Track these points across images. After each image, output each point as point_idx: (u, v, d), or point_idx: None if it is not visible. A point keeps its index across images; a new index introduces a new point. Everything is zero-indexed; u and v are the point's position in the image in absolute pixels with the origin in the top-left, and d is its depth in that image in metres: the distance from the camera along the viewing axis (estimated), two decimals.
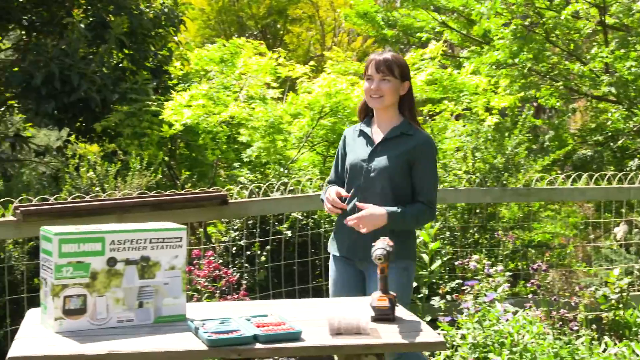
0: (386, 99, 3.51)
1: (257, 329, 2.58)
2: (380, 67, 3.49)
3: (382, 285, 2.84)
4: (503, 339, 3.95)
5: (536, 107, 11.84)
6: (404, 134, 3.51)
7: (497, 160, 6.02)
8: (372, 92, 3.51)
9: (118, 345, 2.48)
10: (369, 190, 3.47)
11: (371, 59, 3.57)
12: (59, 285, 2.57)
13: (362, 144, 3.60)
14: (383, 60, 3.51)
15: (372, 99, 3.53)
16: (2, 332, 4.32)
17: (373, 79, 3.51)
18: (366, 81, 3.56)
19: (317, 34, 16.80)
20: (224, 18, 15.72)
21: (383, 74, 3.49)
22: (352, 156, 3.60)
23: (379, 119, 3.60)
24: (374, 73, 3.51)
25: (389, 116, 3.57)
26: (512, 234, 5.88)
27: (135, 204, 4.43)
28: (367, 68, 3.55)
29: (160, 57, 7.44)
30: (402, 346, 2.65)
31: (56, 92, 6.27)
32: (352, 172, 3.56)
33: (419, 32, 11.24)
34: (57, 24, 6.85)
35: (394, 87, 3.51)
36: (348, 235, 3.54)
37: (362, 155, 3.55)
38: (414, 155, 3.47)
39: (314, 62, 9.27)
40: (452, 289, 5.24)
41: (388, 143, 3.52)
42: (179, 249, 2.78)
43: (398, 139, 3.51)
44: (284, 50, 7.76)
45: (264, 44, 8.36)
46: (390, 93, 3.51)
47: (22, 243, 4.54)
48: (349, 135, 3.71)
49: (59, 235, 2.58)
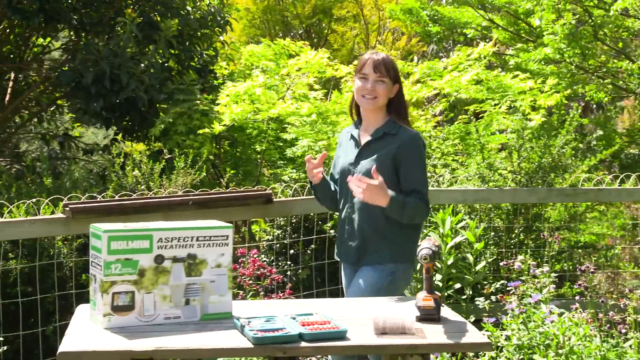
0: (380, 100, 3.46)
1: (302, 327, 2.60)
2: (378, 67, 3.43)
3: (427, 285, 2.84)
4: (548, 341, 3.91)
5: (583, 106, 11.68)
6: (387, 133, 3.45)
7: (544, 160, 5.95)
8: (367, 92, 3.45)
9: (165, 341, 2.51)
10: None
11: (368, 57, 3.49)
12: (107, 282, 2.61)
13: (351, 146, 3.57)
14: (381, 60, 3.45)
15: (364, 99, 3.46)
16: (51, 327, 4.40)
17: (368, 78, 3.44)
18: (359, 80, 3.48)
19: (362, 33, 16.77)
20: (269, 17, 15.78)
21: (380, 75, 3.43)
22: (342, 159, 3.58)
23: (367, 120, 3.55)
24: (370, 72, 3.44)
25: (376, 118, 3.52)
26: (557, 235, 5.81)
27: (180, 202, 4.48)
28: (363, 67, 3.47)
29: (206, 57, 7.51)
30: (448, 346, 2.64)
31: (105, 91, 6.36)
32: (342, 176, 3.53)
33: (465, 28, 11.15)
34: (106, 24, 6.95)
35: (387, 89, 3.46)
36: (345, 241, 3.54)
37: (349, 158, 3.53)
38: (400, 155, 3.40)
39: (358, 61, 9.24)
40: (496, 289, 5.20)
41: (373, 145, 3.47)
42: (225, 247, 2.80)
43: (382, 139, 3.46)
44: (326, 50, 7.77)
45: (308, 44, 8.38)
46: (384, 95, 3.46)
47: (71, 240, 4.62)
48: (342, 137, 3.70)
49: (108, 233, 2.62)
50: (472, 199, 5.50)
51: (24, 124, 8.62)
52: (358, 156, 3.49)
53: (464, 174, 6.02)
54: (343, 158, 3.57)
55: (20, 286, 4.30)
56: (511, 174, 5.93)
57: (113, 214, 4.20)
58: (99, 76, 6.28)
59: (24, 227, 4.09)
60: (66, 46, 8.40)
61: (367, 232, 3.45)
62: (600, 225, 6.59)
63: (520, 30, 10.57)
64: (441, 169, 6.33)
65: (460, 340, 2.61)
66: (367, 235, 3.45)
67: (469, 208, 5.86)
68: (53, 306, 4.44)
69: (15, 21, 7.07)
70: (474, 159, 6.41)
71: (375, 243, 3.45)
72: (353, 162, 3.50)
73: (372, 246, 3.46)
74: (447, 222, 4.86)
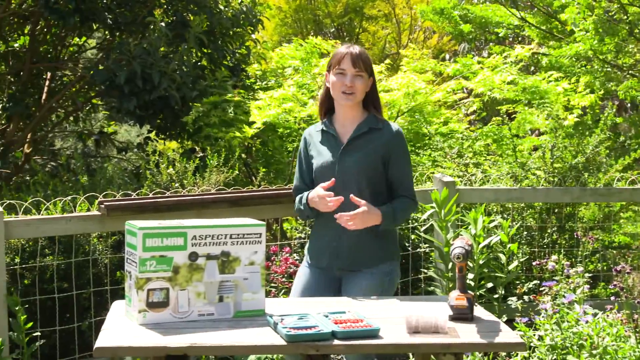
0: (358, 96, 3.35)
1: (335, 325, 2.61)
2: (356, 62, 3.31)
3: (460, 284, 2.83)
4: (582, 341, 3.88)
5: (617, 105, 11.55)
6: (372, 128, 3.37)
7: (577, 159, 5.90)
8: (346, 87, 3.32)
9: (199, 338, 2.54)
10: (344, 192, 3.28)
11: (345, 52, 3.35)
12: (143, 279, 2.65)
13: (329, 145, 3.42)
14: (359, 54, 3.33)
15: (344, 95, 3.34)
16: (86, 323, 4.46)
17: (346, 73, 3.32)
18: (336, 75, 3.35)
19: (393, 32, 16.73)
20: (300, 16, 15.81)
21: (359, 69, 3.31)
22: (319, 159, 3.43)
23: (344, 116, 3.42)
24: (348, 67, 3.32)
25: (354, 113, 3.41)
26: (591, 235, 5.75)
27: (213, 200, 4.51)
28: (340, 62, 3.33)
29: (238, 56, 7.54)
30: (481, 346, 2.64)
31: (138, 90, 6.42)
32: (322, 176, 3.38)
33: (497, 27, 11.09)
34: (139, 23, 7.01)
35: (365, 84, 3.36)
36: (328, 244, 3.40)
37: (330, 157, 3.38)
38: (388, 150, 3.34)
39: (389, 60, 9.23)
40: (529, 289, 5.17)
41: (358, 141, 3.37)
42: (258, 244, 2.82)
43: (367, 134, 3.36)
44: None
45: (340, 43, 8.39)
46: (362, 90, 3.35)
47: (105, 237, 4.67)
48: (311, 137, 3.52)
49: (143, 230, 2.65)
50: (505, 198, 5.47)
51: (60, 122, 8.73)
52: (343, 153, 3.36)
53: (496, 173, 5.99)
54: (320, 158, 3.42)
55: (57, 282, 4.37)
56: (544, 173, 5.88)
57: (147, 212, 4.25)
58: (131, 75, 6.34)
59: (60, 224, 4.16)
60: (101, 45, 8.50)
61: (360, 235, 3.33)
62: (635, 225, 6.51)
63: (553, 28, 10.48)
64: (473, 168, 6.30)
65: (494, 340, 2.61)
66: (361, 238, 3.34)
67: (500, 207, 5.83)
68: (88, 302, 4.50)
69: (51, 21, 7.16)
70: (506, 159, 6.37)
71: (369, 245, 3.37)
72: (337, 160, 3.36)
73: (366, 248, 3.37)
74: (479, 221, 4.84)
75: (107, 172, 5.74)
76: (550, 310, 4.12)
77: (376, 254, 3.38)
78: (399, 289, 5.38)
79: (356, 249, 3.36)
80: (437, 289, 4.90)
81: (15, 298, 3.97)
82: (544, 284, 4.36)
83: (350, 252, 3.37)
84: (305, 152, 3.52)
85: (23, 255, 4.41)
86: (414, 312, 2.69)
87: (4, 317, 3.95)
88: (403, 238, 5.49)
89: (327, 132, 3.44)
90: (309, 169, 3.51)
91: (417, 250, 5.49)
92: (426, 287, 5.33)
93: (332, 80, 3.36)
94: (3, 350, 3.90)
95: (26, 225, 4.06)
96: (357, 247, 3.36)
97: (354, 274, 3.38)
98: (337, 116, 3.45)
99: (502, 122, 7.13)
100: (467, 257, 2.81)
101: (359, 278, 3.36)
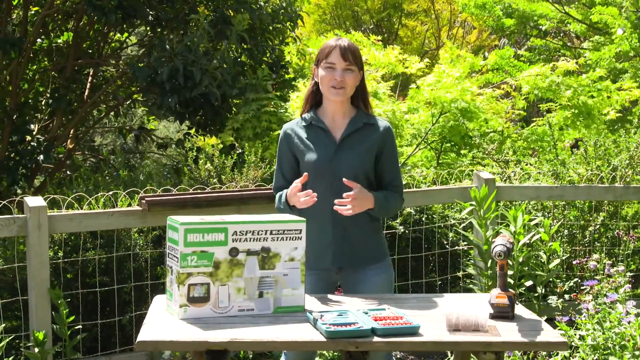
0: (348, 90, 3.24)
1: (374, 322, 2.60)
2: (346, 55, 3.19)
3: (501, 282, 2.81)
4: (625, 342, 3.82)
5: None
6: (366, 124, 3.28)
7: (621, 157, 5.82)
8: (336, 82, 3.20)
9: (239, 333, 2.55)
10: (341, 189, 3.13)
11: (334, 45, 3.22)
12: (184, 274, 2.67)
13: (320, 140, 3.28)
14: (348, 47, 3.21)
15: (333, 90, 3.21)
16: (127, 317, 4.51)
17: (336, 67, 3.19)
18: (325, 70, 3.21)
19: (432, 27, 16.66)
20: (339, 12, 15.82)
21: (349, 63, 3.19)
22: (310, 156, 3.26)
23: (333, 111, 3.30)
24: (338, 61, 3.19)
25: (344, 108, 3.29)
26: (633, 234, 5.66)
27: (252, 195, 4.54)
28: (329, 55, 3.21)
29: (277, 52, 7.55)
30: (522, 345, 2.62)
31: (179, 87, 6.46)
32: (316, 173, 3.22)
33: (540, 19, 10.99)
34: (181, 19, 7.05)
35: (355, 78, 3.24)
36: (329, 243, 3.25)
37: (325, 153, 3.25)
38: (381, 145, 3.27)
39: (428, 57, 9.22)
40: (569, 288, 5.11)
41: (353, 137, 3.26)
42: (298, 241, 2.83)
43: (361, 130, 3.27)
44: (397, 47, 7.75)
45: (380, 39, 8.37)
46: (352, 85, 3.24)
47: (146, 232, 4.72)
48: (294, 132, 3.33)
49: (184, 225, 2.67)
50: (546, 195, 5.42)
51: (102, 118, 8.83)
52: (338, 150, 3.24)
53: (536, 171, 5.92)
54: (311, 154, 3.26)
55: (98, 276, 4.43)
56: (586, 171, 5.81)
57: (187, 207, 4.29)
58: (173, 72, 6.38)
59: (102, 219, 4.22)
60: (142, 42, 8.56)
61: (362, 231, 3.27)
62: None
63: (596, 23, 10.36)
64: (513, 166, 6.25)
65: (536, 339, 2.58)
66: (364, 233, 3.28)
67: (540, 205, 5.77)
68: (129, 296, 4.55)
69: (94, 18, 7.24)
70: (547, 157, 6.30)
71: (372, 239, 3.31)
72: (332, 157, 3.23)
73: (370, 243, 3.31)
74: (519, 219, 4.80)
75: (147, 168, 5.80)
76: (592, 309, 4.07)
77: (379, 249, 3.34)
78: (437, 286, 5.37)
79: (361, 244, 3.28)
80: (475, 287, 4.87)
81: (57, 292, 4.04)
82: (585, 282, 4.31)
83: (355, 248, 3.27)
84: (287, 149, 3.34)
85: (65, 250, 4.48)
86: (454, 309, 2.67)
87: (47, 310, 4.02)
88: (442, 236, 5.47)
89: (316, 126, 3.30)
90: (291, 166, 3.34)
91: (455, 248, 5.46)
92: (465, 285, 5.30)
93: (321, 74, 3.24)
94: (46, 342, 3.96)
95: (69, 219, 4.13)
96: (362, 242, 3.28)
97: (361, 271, 3.28)
98: (324, 111, 3.33)
99: (544, 123, 7.08)
100: (508, 255, 2.78)
101: (369, 275, 3.28)
